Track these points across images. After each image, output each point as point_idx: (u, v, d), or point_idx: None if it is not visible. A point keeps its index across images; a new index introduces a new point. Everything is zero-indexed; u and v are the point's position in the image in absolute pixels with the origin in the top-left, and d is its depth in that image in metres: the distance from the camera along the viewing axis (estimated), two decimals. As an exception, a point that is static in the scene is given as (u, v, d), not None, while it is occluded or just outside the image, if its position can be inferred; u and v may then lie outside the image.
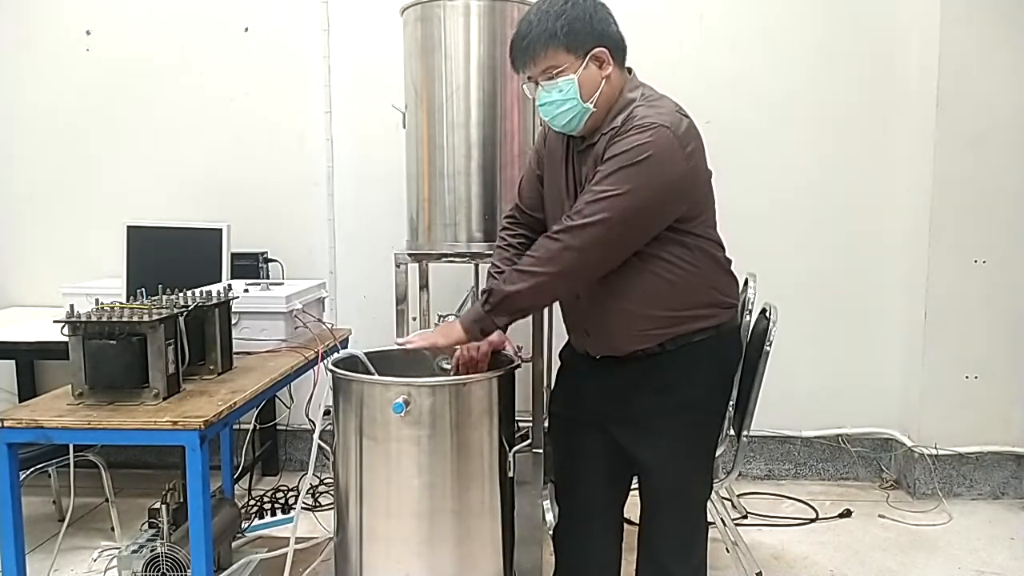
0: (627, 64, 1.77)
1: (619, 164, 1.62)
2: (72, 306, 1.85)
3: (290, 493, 3.23)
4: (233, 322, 2.24)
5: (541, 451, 2.68)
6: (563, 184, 1.81)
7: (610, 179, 1.62)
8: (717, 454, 2.13)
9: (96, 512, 3.11)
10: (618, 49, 1.72)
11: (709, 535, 1.94)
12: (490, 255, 2.66)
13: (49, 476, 2.90)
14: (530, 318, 2.77)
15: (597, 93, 1.69)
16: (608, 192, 1.61)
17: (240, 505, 2.79)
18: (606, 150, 1.67)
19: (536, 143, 1.98)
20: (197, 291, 2.12)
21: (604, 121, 1.72)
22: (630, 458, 1.87)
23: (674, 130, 1.63)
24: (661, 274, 1.70)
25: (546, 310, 2.83)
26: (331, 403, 1.88)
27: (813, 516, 3.12)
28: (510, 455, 1.86)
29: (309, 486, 2.86)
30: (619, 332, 1.75)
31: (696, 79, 3.30)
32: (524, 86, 1.76)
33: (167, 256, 2.96)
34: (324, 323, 2.59)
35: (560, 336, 2.00)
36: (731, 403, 2.25)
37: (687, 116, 1.70)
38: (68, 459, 2.58)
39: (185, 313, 1.95)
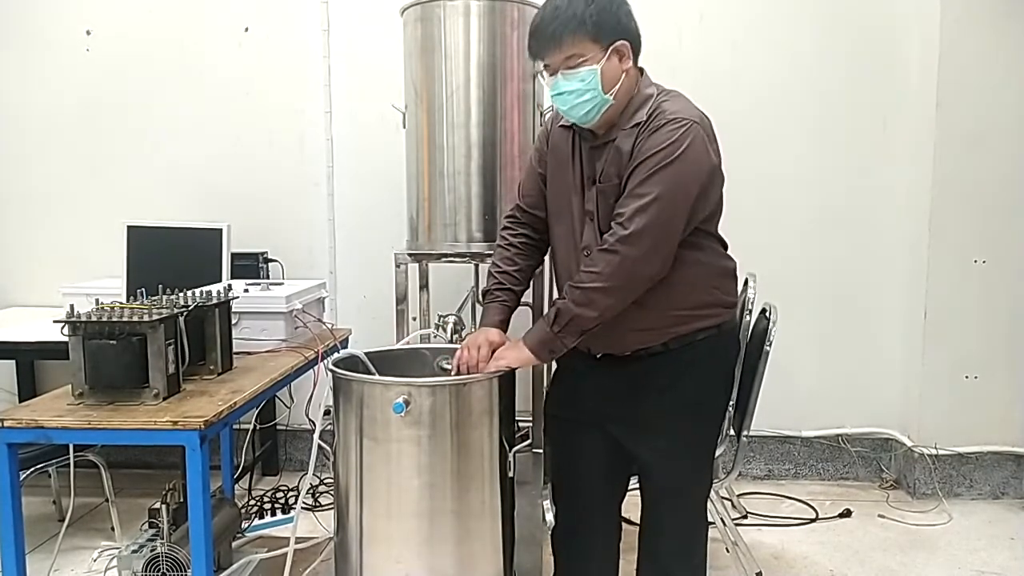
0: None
1: (658, 163, 1.61)
2: (72, 306, 1.85)
3: (290, 493, 3.24)
4: (233, 322, 2.24)
5: (541, 451, 2.68)
6: (572, 181, 1.80)
7: (653, 180, 1.61)
8: (717, 454, 2.13)
9: (96, 512, 3.11)
10: (637, 46, 1.72)
11: (709, 535, 1.94)
12: (490, 255, 2.67)
13: (49, 476, 2.90)
14: (529, 319, 2.77)
15: (617, 86, 1.68)
16: (652, 194, 1.60)
17: (240, 505, 2.79)
18: (637, 145, 1.65)
19: (537, 142, 1.96)
20: (197, 291, 2.12)
21: (622, 116, 1.72)
22: (630, 457, 1.87)
23: (702, 125, 1.65)
24: (672, 272, 1.69)
25: (545, 309, 2.83)
26: (331, 403, 1.88)
27: (813, 516, 3.12)
28: (510, 455, 1.86)
29: (309, 486, 2.86)
30: (623, 330, 1.74)
31: (696, 79, 3.26)
32: (539, 74, 1.75)
33: (167, 256, 2.95)
34: (324, 323, 2.59)
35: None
36: (731, 403, 2.25)
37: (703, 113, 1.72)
38: (68, 459, 2.58)
39: (185, 313, 1.95)
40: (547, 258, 2.02)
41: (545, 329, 1.72)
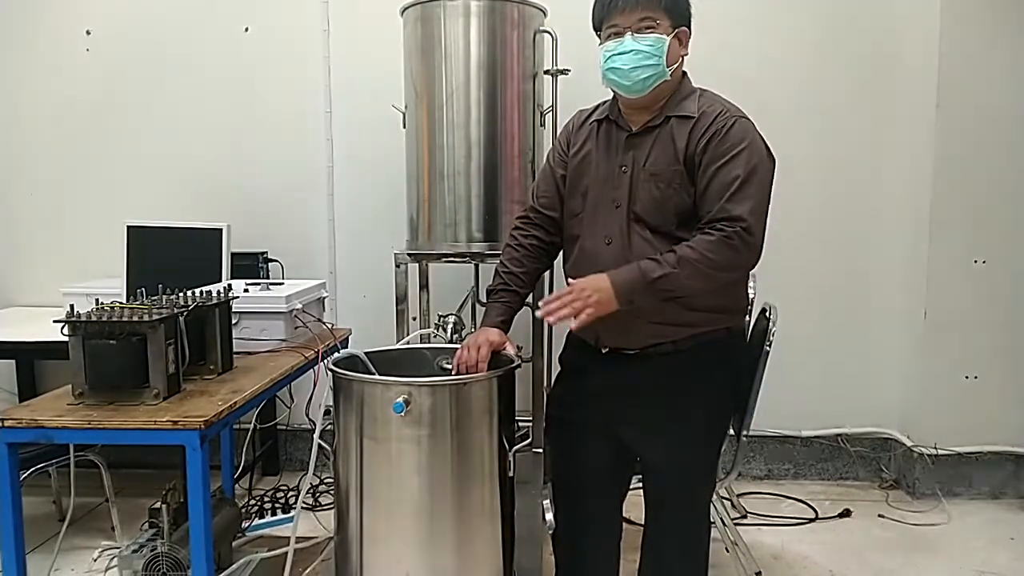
0: None
1: (744, 167, 1.71)
2: (72, 306, 1.84)
3: (290, 493, 3.24)
4: (233, 322, 2.24)
5: (541, 451, 2.67)
6: (604, 171, 1.81)
7: (746, 188, 1.70)
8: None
9: (96, 512, 3.10)
10: (689, 41, 1.82)
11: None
12: (490, 255, 2.68)
13: (49, 476, 2.90)
14: (530, 318, 2.77)
15: (676, 65, 1.77)
16: (747, 191, 1.70)
17: (240, 505, 2.79)
18: (705, 142, 1.73)
19: (557, 143, 1.97)
20: (197, 291, 2.11)
21: (669, 101, 1.79)
22: (634, 457, 1.87)
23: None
24: None
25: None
26: (331, 403, 1.88)
27: (813, 516, 3.12)
28: (510, 455, 1.86)
29: (309, 486, 2.86)
30: (641, 321, 1.73)
31: (694, 80, 3.29)
32: (602, 33, 1.78)
33: (167, 256, 2.95)
34: (324, 323, 2.59)
35: (560, 337, 2.00)
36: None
37: None
38: (68, 459, 2.58)
39: (185, 313, 1.95)
40: (548, 262, 2.02)
41: (638, 278, 1.65)
